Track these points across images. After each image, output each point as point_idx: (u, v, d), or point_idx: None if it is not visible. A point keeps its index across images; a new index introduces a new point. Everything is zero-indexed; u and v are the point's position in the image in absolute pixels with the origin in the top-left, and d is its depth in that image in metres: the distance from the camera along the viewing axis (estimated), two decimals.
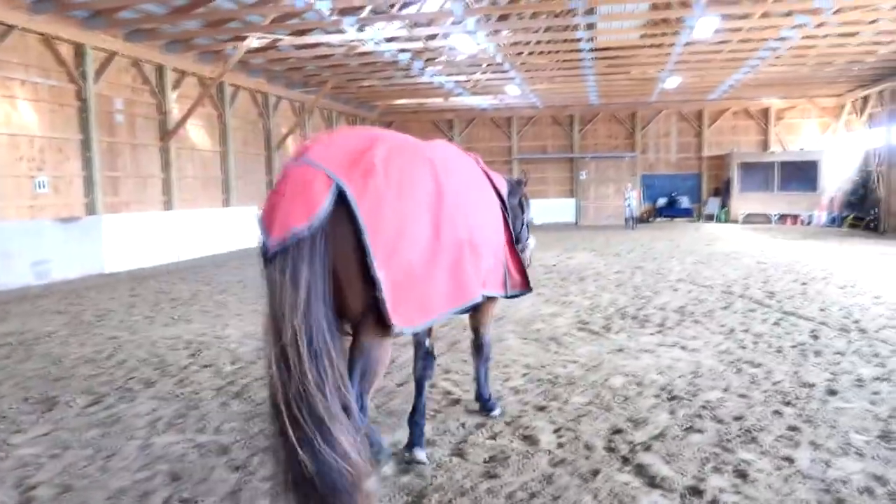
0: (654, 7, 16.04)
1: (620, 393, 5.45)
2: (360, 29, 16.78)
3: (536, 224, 19.85)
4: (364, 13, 15.84)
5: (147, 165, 17.19)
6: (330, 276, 2.91)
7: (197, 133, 19.22)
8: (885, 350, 6.79)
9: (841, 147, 28.40)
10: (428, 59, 21.12)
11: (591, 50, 19.12)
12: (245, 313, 9.38)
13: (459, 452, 4.24)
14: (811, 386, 5.62)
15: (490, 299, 4.36)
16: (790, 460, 4.10)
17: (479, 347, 4.83)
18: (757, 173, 28.93)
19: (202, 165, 19.46)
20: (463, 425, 4.71)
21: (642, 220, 30.55)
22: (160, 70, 17.46)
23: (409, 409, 4.28)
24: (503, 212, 4.37)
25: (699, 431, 4.58)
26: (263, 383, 5.65)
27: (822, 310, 8.98)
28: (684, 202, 31.14)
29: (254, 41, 16.75)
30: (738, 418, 4.83)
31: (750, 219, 28.92)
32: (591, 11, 15.07)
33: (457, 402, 5.24)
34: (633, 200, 27.60)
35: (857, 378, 5.84)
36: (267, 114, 23.00)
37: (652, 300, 9.88)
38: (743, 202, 29.11)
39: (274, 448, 2.83)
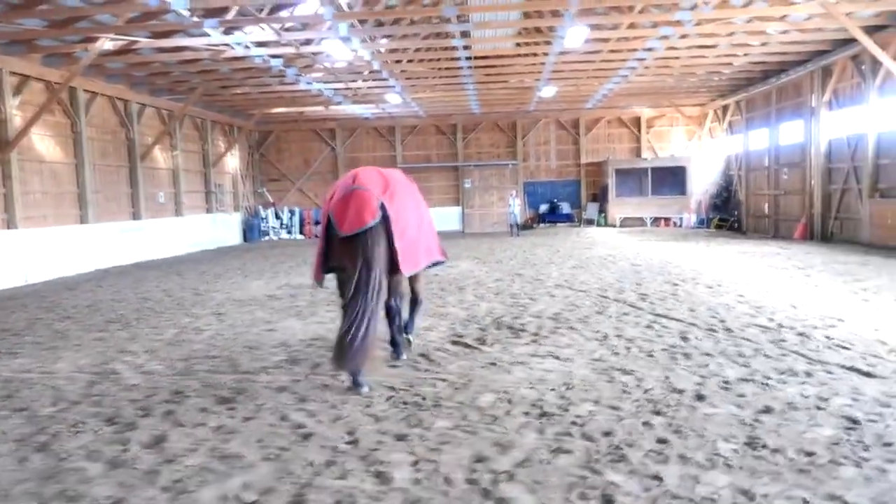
0: (527, 16, 16.15)
1: (489, 413, 5.09)
2: (226, 32, 15.84)
3: None
4: (230, 15, 14.93)
5: None
6: (383, 247, 5.72)
7: (45, 144, 17.44)
8: (748, 349, 6.86)
9: (705, 153, 30.11)
10: (305, 67, 20.36)
11: (469, 58, 19.05)
12: (86, 343, 8.33)
13: (300, 499, 3.69)
14: (681, 392, 5.50)
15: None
16: (659, 479, 3.85)
17: (416, 300, 7.14)
18: (631, 179, 30.12)
19: (52, 179, 17.65)
20: (311, 464, 4.15)
21: (526, 226, 31.01)
22: None
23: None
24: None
25: (567, 452, 4.27)
26: (78, 430, 4.86)
27: (691, 310, 9.11)
28: (565, 208, 31.92)
29: (107, 43, 15.37)
30: (607, 433, 4.58)
31: (626, 222, 30.04)
32: (464, 18, 14.93)
33: (309, 436, 4.66)
34: (517, 208, 27.94)
35: (723, 380, 5.79)
36: (129, 123, 21.34)
37: (529, 308, 9.71)
38: (619, 207, 30.20)
39: (344, 327, 5.48)
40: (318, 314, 9.76)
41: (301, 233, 31.28)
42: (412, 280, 6.88)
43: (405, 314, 6.97)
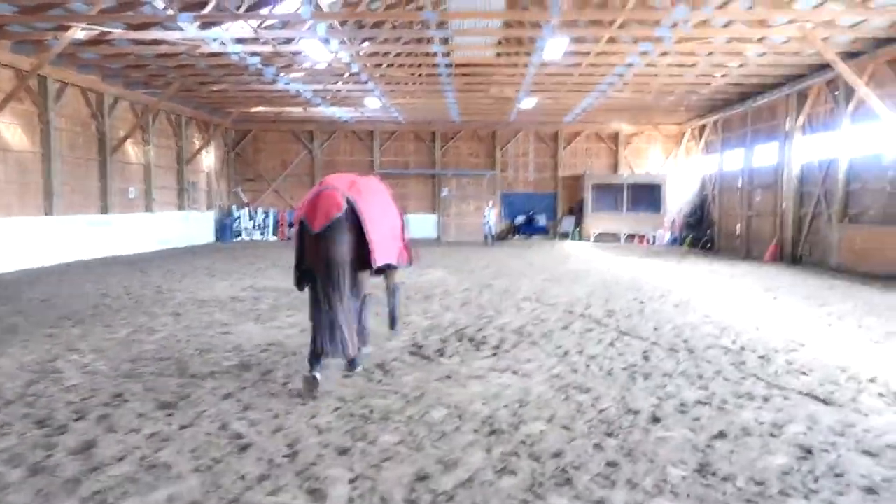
0: (508, 25, 16.11)
1: (438, 428, 4.93)
2: (204, 27, 15.57)
3: None
4: (207, 10, 14.69)
5: None
6: (351, 241, 5.88)
7: (11, 132, 17.00)
8: (709, 371, 6.79)
9: (681, 172, 30.34)
10: (284, 67, 20.13)
11: (449, 66, 18.96)
12: (34, 339, 8.03)
13: None
14: (636, 413, 5.39)
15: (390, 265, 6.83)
16: None
17: (393, 292, 7.38)
18: (608, 194, 30.24)
19: (17, 169, 17.20)
20: (242, 478, 3.96)
21: (501, 237, 30.98)
22: None
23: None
24: (402, 218, 7.11)
25: (512, 473, 4.13)
26: (3, 432, 4.62)
27: (655, 329, 9.05)
28: (541, 220, 31.94)
29: (79, 32, 15.02)
30: (556, 455, 4.45)
31: (601, 237, 30.12)
32: (444, 25, 14.84)
33: (246, 447, 4.47)
34: (492, 218, 27.88)
35: (680, 402, 5.70)
36: (101, 115, 20.91)
37: (494, 320, 9.58)
38: (595, 221, 30.28)
39: (313, 315, 5.95)
40: (278, 319, 9.55)
41: (275, 234, 30.90)
42: (387, 276, 7.12)
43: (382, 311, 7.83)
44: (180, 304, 10.90)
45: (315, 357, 5.79)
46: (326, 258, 5.75)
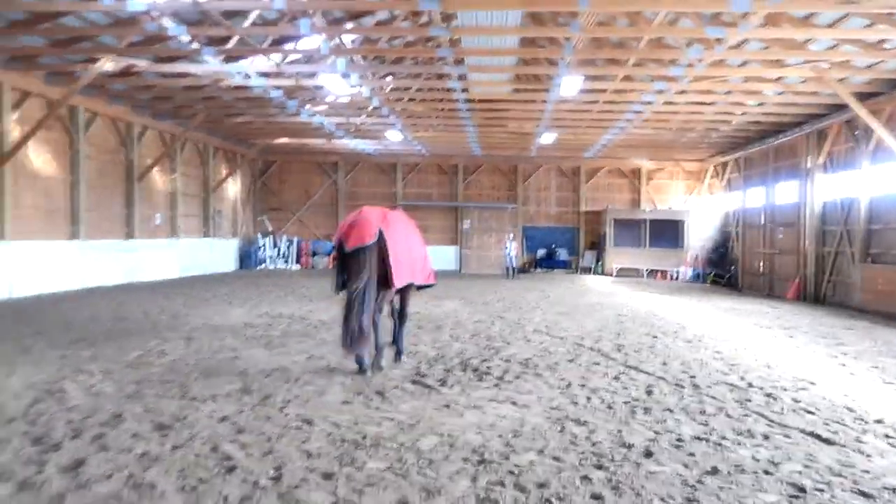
0: (524, 62, 16.34)
1: (427, 456, 4.93)
2: (227, 61, 16.04)
3: None
4: (230, 45, 15.16)
5: None
6: (377, 262, 7.47)
7: (41, 159, 17.56)
8: (712, 407, 6.70)
9: (704, 208, 30.16)
10: (308, 100, 20.60)
11: (467, 101, 19.24)
12: (46, 360, 8.21)
13: None
14: (630, 447, 5.34)
15: (410, 287, 8.51)
16: None
17: (402, 316, 8.70)
18: (629, 229, 30.12)
19: (44, 194, 17.72)
20: (225, 499, 4.00)
21: (522, 270, 30.96)
22: None
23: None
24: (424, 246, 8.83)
25: (494, 502, 4.11)
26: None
27: (664, 364, 8.95)
28: (563, 254, 31.87)
29: (107, 64, 15.57)
30: (541, 485, 4.42)
31: (622, 272, 29.92)
32: (460, 61, 15.11)
33: (233, 469, 4.51)
34: (513, 251, 27.90)
35: (677, 437, 5.63)
36: (129, 144, 21.51)
37: (501, 351, 9.56)
38: (616, 256, 30.13)
39: (344, 320, 7.31)
40: (287, 345, 9.64)
41: (297, 263, 31.22)
42: (403, 295, 8.58)
43: (390, 337, 8.79)
44: (194, 329, 11.06)
45: (353, 354, 7.62)
46: (354, 273, 7.45)
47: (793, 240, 21.49)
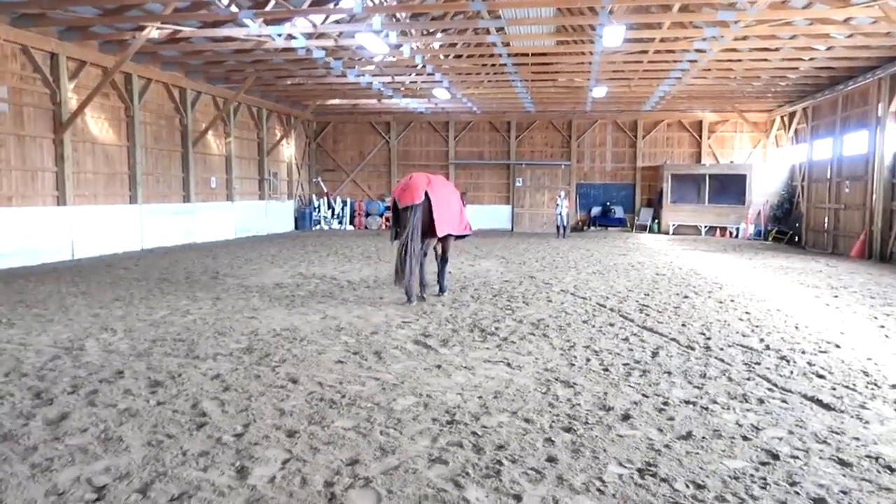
0: (562, 13, 15.77)
1: (397, 416, 5.00)
2: (267, 24, 16.16)
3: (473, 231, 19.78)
4: (268, 7, 15.26)
5: (37, 158, 16.28)
6: (423, 217, 9.65)
7: (99, 126, 18.34)
8: (715, 370, 6.49)
9: (769, 162, 28.73)
10: (354, 60, 20.59)
11: (511, 55, 18.79)
12: (80, 318, 8.70)
13: (145, 488, 3.72)
14: (608, 409, 5.25)
15: (450, 237, 10.55)
16: (518, 498, 3.69)
17: (444, 259, 10.79)
18: (688, 185, 29.07)
19: (105, 160, 18.55)
20: (184, 454, 4.17)
21: (576, 228, 30.48)
22: (54, 58, 16.57)
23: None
24: (462, 201, 10.89)
25: (443, 463, 4.14)
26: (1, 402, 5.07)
27: (682, 325, 8.71)
28: (618, 212, 31.12)
29: (153, 31, 15.99)
30: (500, 447, 4.42)
31: (680, 230, 29.02)
32: (496, 14, 14.71)
33: (203, 426, 4.69)
34: (564, 209, 27.43)
35: (664, 401, 5.50)
36: (184, 109, 22.15)
37: (516, 312, 9.51)
38: (674, 213, 29.21)
39: (397, 262, 9.65)
40: (307, 305, 9.87)
41: (351, 223, 31.70)
42: (444, 243, 10.62)
43: (435, 276, 11.36)
44: (226, 289, 11.45)
45: (402, 287, 9.88)
46: (406, 225, 9.49)
47: (860, 194, 20.25)
